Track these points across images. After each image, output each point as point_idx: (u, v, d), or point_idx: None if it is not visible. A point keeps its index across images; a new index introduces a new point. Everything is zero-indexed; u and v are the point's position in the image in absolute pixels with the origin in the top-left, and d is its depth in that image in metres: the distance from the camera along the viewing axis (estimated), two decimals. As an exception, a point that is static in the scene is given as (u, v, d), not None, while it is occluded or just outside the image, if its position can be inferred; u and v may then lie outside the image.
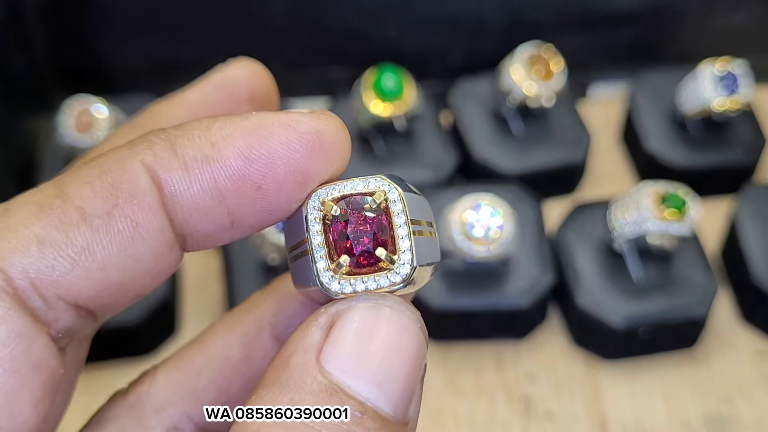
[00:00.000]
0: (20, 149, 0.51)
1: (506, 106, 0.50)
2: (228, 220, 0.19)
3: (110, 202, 0.18)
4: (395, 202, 0.19)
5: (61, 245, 0.17)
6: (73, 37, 0.52)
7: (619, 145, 0.54)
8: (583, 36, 0.54)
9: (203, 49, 0.54)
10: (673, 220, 0.42)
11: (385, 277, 0.19)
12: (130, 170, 0.18)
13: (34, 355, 0.17)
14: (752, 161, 0.50)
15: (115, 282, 0.18)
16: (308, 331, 0.18)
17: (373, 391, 0.17)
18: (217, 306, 0.46)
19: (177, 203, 0.18)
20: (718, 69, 0.48)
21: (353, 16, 0.53)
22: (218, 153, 0.18)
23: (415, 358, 0.18)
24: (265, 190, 0.19)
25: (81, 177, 0.18)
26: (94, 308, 0.19)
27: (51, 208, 0.18)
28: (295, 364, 0.18)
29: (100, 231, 0.18)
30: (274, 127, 0.19)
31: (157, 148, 0.18)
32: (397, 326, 0.18)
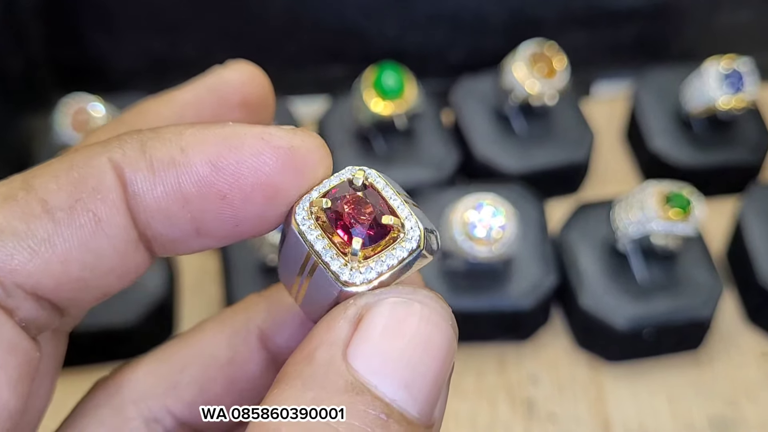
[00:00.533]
0: (16, 148, 0.51)
1: (508, 105, 0.49)
2: (191, 227, 0.19)
3: (74, 195, 0.18)
4: (377, 180, 0.19)
5: (21, 235, 0.18)
6: (70, 34, 0.52)
7: (623, 144, 0.53)
8: (587, 33, 0.54)
9: (201, 48, 0.54)
10: (677, 219, 0.41)
11: (402, 247, 0.18)
12: (97, 166, 0.18)
13: (5, 338, 0.18)
14: (758, 160, 0.50)
15: (77, 276, 0.18)
16: (335, 323, 0.18)
17: (400, 393, 0.17)
18: (215, 307, 0.46)
19: (140, 203, 0.18)
20: (724, 67, 0.47)
21: (353, 13, 0.52)
22: (186, 158, 0.18)
23: (445, 357, 0.18)
24: (231, 200, 0.19)
25: (48, 171, 0.18)
26: (57, 301, 0.19)
27: (15, 199, 0.18)
28: (320, 360, 0.17)
29: (62, 224, 0.18)
30: (247, 137, 0.19)
31: (127, 147, 0.19)
32: (428, 323, 0.18)
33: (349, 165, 0.20)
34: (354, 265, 0.18)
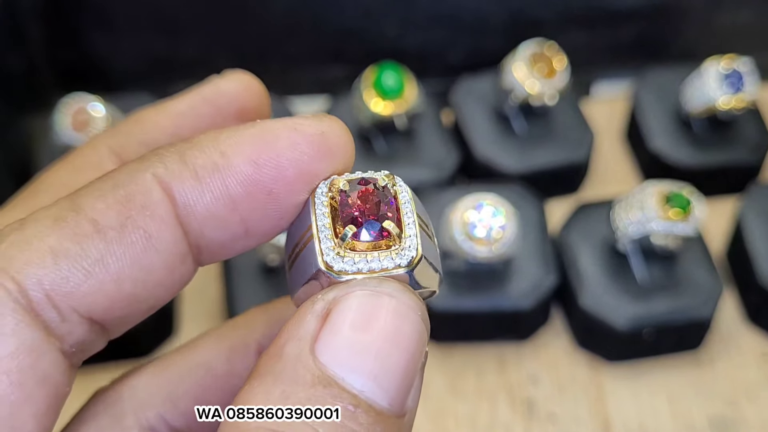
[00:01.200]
0: (16, 148, 0.51)
1: (508, 105, 0.49)
2: (242, 228, 0.19)
3: (123, 214, 0.18)
4: (403, 193, 0.19)
5: (75, 257, 0.18)
6: (70, 34, 0.52)
7: (623, 144, 0.53)
8: (587, 33, 0.54)
9: (201, 48, 0.54)
10: (677, 219, 0.41)
11: (390, 258, 0.18)
12: (142, 183, 0.18)
13: (41, 369, 0.17)
14: (758, 160, 0.50)
15: (129, 293, 0.18)
16: (303, 319, 0.18)
17: (369, 384, 0.17)
18: (215, 307, 0.46)
19: (191, 213, 0.19)
20: (724, 67, 0.47)
21: (353, 13, 0.52)
22: (228, 161, 0.19)
23: (414, 348, 0.18)
24: (276, 194, 0.19)
25: (94, 191, 0.18)
26: (107, 321, 0.19)
27: (65, 221, 0.18)
28: (289, 354, 0.17)
29: (114, 242, 0.18)
30: (281, 131, 0.19)
31: (167, 160, 0.19)
32: (396, 315, 0.18)
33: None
34: (341, 251, 0.18)
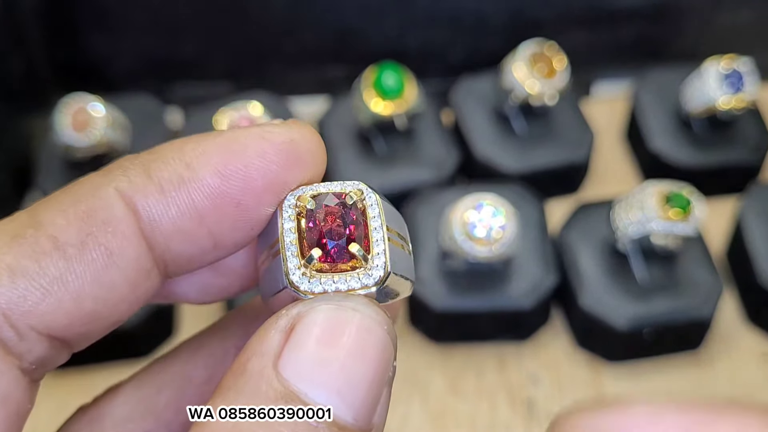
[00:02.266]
0: (16, 148, 0.51)
1: (508, 105, 0.49)
2: (210, 241, 0.19)
3: (84, 230, 0.18)
4: (372, 206, 0.19)
5: (33, 275, 0.17)
6: (70, 34, 0.52)
7: (623, 144, 0.53)
8: (587, 33, 0.54)
9: (201, 48, 0.54)
10: (677, 219, 0.41)
11: (357, 278, 0.18)
12: (105, 197, 0.18)
13: (0, 389, 0.17)
14: (758, 160, 0.50)
15: (89, 311, 0.18)
16: (267, 334, 0.18)
17: (333, 399, 0.17)
18: (214, 307, 0.46)
19: (156, 228, 0.18)
20: (724, 67, 0.47)
21: (353, 13, 0.52)
22: (194, 173, 0.18)
23: (379, 363, 0.18)
24: (245, 206, 0.18)
25: (54, 205, 0.18)
26: (68, 338, 0.18)
27: (24, 237, 0.17)
28: (251, 370, 0.17)
29: (74, 260, 0.17)
30: (248, 140, 0.18)
31: (131, 173, 0.18)
32: (360, 329, 0.17)
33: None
34: (307, 271, 0.18)
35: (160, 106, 0.51)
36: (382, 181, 0.47)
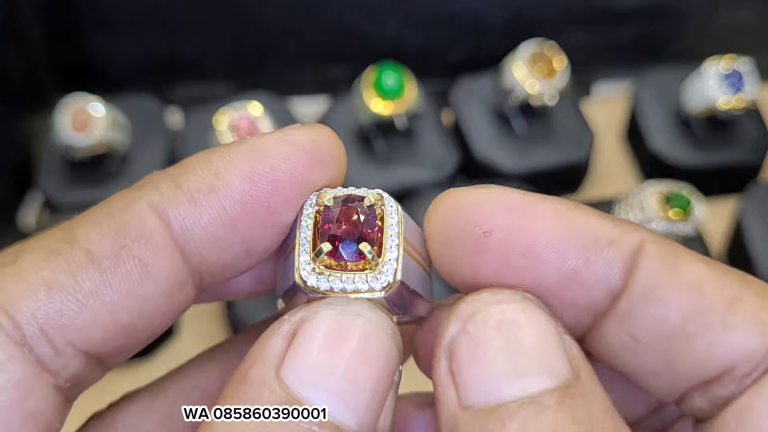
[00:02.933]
0: (17, 148, 0.51)
1: (508, 105, 0.49)
2: (242, 248, 0.19)
3: (118, 243, 0.18)
4: (391, 215, 0.19)
5: (69, 289, 0.17)
6: (70, 34, 0.52)
7: (623, 144, 0.53)
8: (587, 33, 0.54)
9: (202, 48, 0.54)
10: (677, 219, 0.41)
11: (365, 280, 0.18)
12: (137, 211, 0.18)
13: (29, 406, 0.17)
14: (758, 160, 0.50)
15: (125, 324, 0.18)
16: (269, 341, 0.18)
17: (335, 405, 0.17)
18: (215, 308, 0.46)
19: (189, 237, 0.18)
20: (723, 67, 0.47)
21: (353, 13, 0.52)
22: (222, 180, 0.18)
23: (383, 368, 0.17)
24: (275, 208, 0.19)
25: (89, 221, 0.18)
26: (104, 353, 0.18)
27: (59, 253, 0.18)
28: (254, 378, 0.17)
29: (109, 273, 0.18)
30: (273, 144, 0.19)
31: (161, 186, 0.18)
32: (363, 334, 0.17)
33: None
34: (317, 267, 0.18)
35: (160, 106, 0.51)
36: (382, 181, 0.47)
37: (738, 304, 0.18)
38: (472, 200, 0.19)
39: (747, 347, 0.17)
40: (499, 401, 0.17)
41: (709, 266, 0.18)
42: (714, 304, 0.18)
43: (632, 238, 0.18)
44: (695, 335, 0.18)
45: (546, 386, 0.17)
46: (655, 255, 0.18)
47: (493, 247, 0.18)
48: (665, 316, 0.18)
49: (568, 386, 0.17)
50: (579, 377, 0.17)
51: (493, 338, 0.17)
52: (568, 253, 0.18)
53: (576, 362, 0.18)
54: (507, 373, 0.17)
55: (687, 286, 0.18)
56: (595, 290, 0.18)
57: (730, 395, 0.18)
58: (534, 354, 0.17)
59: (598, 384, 0.18)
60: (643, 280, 0.18)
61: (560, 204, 0.19)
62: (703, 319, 0.18)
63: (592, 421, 0.17)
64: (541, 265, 0.18)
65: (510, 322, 0.17)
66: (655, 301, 0.18)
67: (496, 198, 0.19)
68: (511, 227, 0.18)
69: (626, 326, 0.18)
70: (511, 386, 0.17)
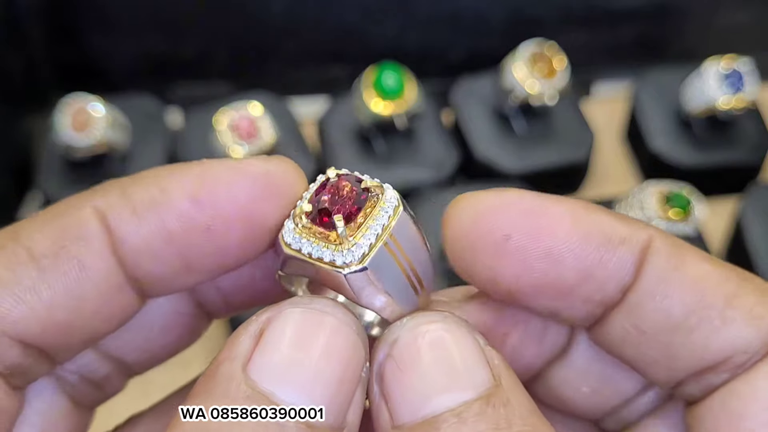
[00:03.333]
0: (17, 148, 0.51)
1: (508, 105, 0.49)
2: (180, 263, 0.19)
3: (58, 243, 0.18)
4: (386, 209, 0.19)
5: (7, 283, 0.18)
6: (70, 35, 0.52)
7: (623, 144, 0.53)
8: (587, 33, 0.54)
9: (202, 48, 0.54)
10: (677, 219, 0.41)
11: (330, 252, 0.18)
12: (80, 215, 0.19)
13: None
14: (758, 160, 0.50)
15: (62, 321, 0.19)
16: (237, 340, 0.18)
17: (299, 397, 0.17)
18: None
19: (127, 245, 0.19)
20: (723, 67, 0.47)
21: (353, 14, 0.52)
22: (167, 196, 0.19)
23: (348, 362, 0.18)
24: (214, 231, 0.19)
25: (34, 221, 0.19)
26: (44, 347, 0.19)
27: (3, 249, 0.18)
28: (222, 374, 0.18)
29: (47, 270, 0.18)
30: (223, 170, 0.19)
31: (109, 194, 0.19)
32: (326, 329, 0.18)
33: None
34: (298, 229, 0.19)
35: (160, 106, 0.51)
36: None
37: (736, 300, 0.19)
38: (489, 205, 0.19)
39: (743, 340, 0.19)
40: (424, 418, 0.18)
41: (713, 264, 0.19)
42: (714, 299, 0.19)
43: (642, 235, 0.19)
44: (696, 328, 0.19)
45: (466, 398, 0.18)
46: (663, 252, 0.19)
47: (512, 251, 0.19)
48: (670, 310, 0.19)
49: (489, 395, 0.18)
50: (500, 385, 0.18)
51: (414, 360, 0.18)
52: (584, 254, 0.19)
53: (498, 371, 0.18)
54: (429, 391, 0.18)
55: (691, 282, 0.19)
56: (608, 286, 0.19)
57: (721, 383, 0.19)
58: (454, 369, 0.18)
59: (519, 389, 0.19)
60: (651, 275, 0.19)
61: (574, 205, 0.19)
62: (704, 313, 0.19)
63: (512, 425, 0.18)
64: (560, 265, 0.19)
65: (429, 343, 0.18)
66: (662, 295, 0.19)
67: (513, 202, 0.19)
68: (530, 231, 0.19)
69: (633, 318, 0.19)
70: (433, 403, 0.18)
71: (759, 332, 0.19)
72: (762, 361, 0.19)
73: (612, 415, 0.22)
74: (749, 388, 0.19)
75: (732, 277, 0.19)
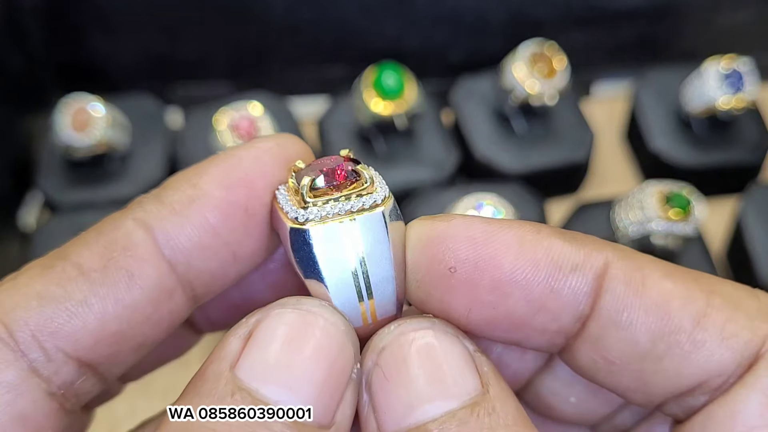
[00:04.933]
0: (17, 148, 0.51)
1: (508, 105, 0.49)
2: (228, 253, 0.20)
3: (106, 256, 0.19)
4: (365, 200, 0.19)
5: (59, 299, 0.19)
6: (70, 34, 0.52)
7: (623, 144, 0.53)
8: (587, 33, 0.54)
9: (202, 48, 0.53)
10: (677, 219, 0.41)
11: (294, 209, 0.19)
12: (124, 228, 0.20)
13: (18, 408, 0.18)
14: (758, 160, 0.50)
15: (114, 331, 0.19)
16: (227, 341, 0.19)
17: (285, 394, 0.18)
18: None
19: (174, 247, 0.20)
20: (723, 67, 0.47)
21: (353, 13, 0.52)
22: (200, 190, 0.20)
23: (334, 360, 0.18)
24: (252, 210, 0.20)
25: (80, 240, 0.20)
26: (96, 360, 0.19)
27: (52, 268, 0.19)
28: (210, 374, 0.18)
29: (97, 283, 0.19)
30: (242, 152, 0.20)
31: (146, 204, 0.20)
32: (311, 328, 0.18)
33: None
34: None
35: (160, 106, 0.51)
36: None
37: (705, 320, 0.18)
38: (434, 235, 0.19)
39: (716, 363, 0.18)
40: (408, 428, 0.18)
41: (676, 281, 0.18)
42: (682, 321, 0.18)
43: (596, 260, 0.18)
44: (665, 355, 0.18)
45: (451, 407, 0.18)
46: (621, 276, 0.18)
47: (459, 284, 0.19)
48: (635, 339, 0.18)
49: (474, 404, 0.18)
50: (487, 393, 0.18)
51: (400, 369, 0.18)
52: (533, 285, 0.18)
53: (487, 378, 0.18)
54: (414, 401, 0.18)
55: (654, 307, 0.18)
56: (563, 317, 0.18)
57: (701, 405, 0.18)
58: (440, 378, 0.18)
59: (508, 397, 0.18)
60: (610, 303, 0.18)
61: (522, 230, 0.19)
62: (672, 338, 0.18)
63: None
64: (509, 298, 0.18)
65: (417, 351, 0.18)
66: (624, 324, 0.18)
67: (459, 231, 0.19)
68: (475, 262, 0.18)
69: (598, 349, 0.19)
70: (418, 412, 0.18)
71: (732, 353, 0.18)
72: (739, 383, 0.18)
73: (606, 422, 0.22)
74: (727, 413, 0.18)
75: (698, 294, 0.18)
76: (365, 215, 0.19)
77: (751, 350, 0.18)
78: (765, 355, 0.18)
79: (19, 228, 0.50)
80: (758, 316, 0.18)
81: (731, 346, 0.18)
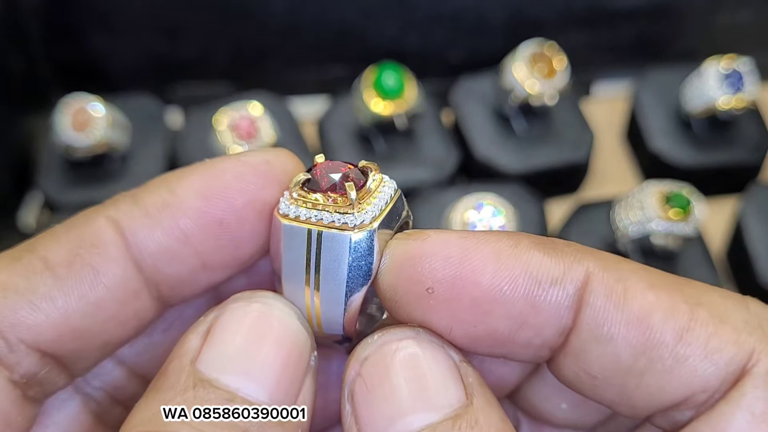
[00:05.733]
0: (17, 148, 0.51)
1: (508, 105, 0.49)
2: (197, 261, 0.20)
3: (73, 252, 0.19)
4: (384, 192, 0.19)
5: (23, 291, 0.19)
6: (70, 34, 0.52)
7: (623, 144, 0.53)
8: (587, 33, 0.54)
9: (201, 48, 0.53)
10: (677, 219, 0.41)
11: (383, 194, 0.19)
12: (94, 224, 0.20)
13: None
14: (758, 160, 0.50)
15: (77, 327, 0.19)
16: (186, 339, 0.19)
17: (243, 381, 0.18)
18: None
19: (143, 249, 0.20)
20: (723, 67, 0.47)
21: (353, 13, 0.52)
22: (177, 197, 0.20)
23: (290, 347, 0.18)
24: (228, 224, 0.20)
25: (50, 234, 0.20)
26: (60, 353, 0.19)
27: (19, 260, 0.19)
28: (171, 370, 0.18)
29: (62, 278, 0.19)
30: (227, 164, 0.20)
31: (120, 203, 0.20)
32: (264, 317, 0.19)
33: None
34: (355, 209, 0.19)
35: (160, 106, 0.51)
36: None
37: (688, 334, 0.17)
38: (411, 255, 0.18)
39: (699, 379, 0.17)
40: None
41: (658, 294, 0.18)
42: (664, 336, 0.17)
43: (577, 272, 0.18)
44: (647, 370, 0.18)
45: (432, 420, 0.18)
46: (602, 289, 0.18)
47: (438, 304, 0.18)
48: (616, 353, 0.18)
49: (457, 416, 0.18)
50: (470, 405, 0.18)
51: (383, 380, 0.18)
52: (513, 302, 0.18)
53: (471, 389, 0.18)
54: (396, 413, 0.18)
55: (635, 321, 0.18)
56: (546, 331, 0.18)
57: (687, 420, 0.18)
58: (424, 389, 0.18)
59: (492, 408, 0.18)
60: (591, 317, 0.18)
61: (500, 245, 0.18)
62: (654, 353, 0.17)
63: None
64: (490, 315, 0.18)
65: (400, 361, 0.18)
66: (604, 339, 0.18)
67: (435, 250, 0.18)
68: (453, 281, 0.18)
69: (580, 363, 0.18)
70: (398, 425, 0.18)
71: (716, 368, 0.17)
72: (724, 400, 0.17)
73: (602, 426, 0.22)
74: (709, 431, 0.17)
75: (682, 307, 0.18)
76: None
77: (737, 365, 0.17)
78: (751, 371, 0.17)
79: (19, 228, 0.50)
80: (745, 329, 0.17)
81: (715, 362, 0.17)
